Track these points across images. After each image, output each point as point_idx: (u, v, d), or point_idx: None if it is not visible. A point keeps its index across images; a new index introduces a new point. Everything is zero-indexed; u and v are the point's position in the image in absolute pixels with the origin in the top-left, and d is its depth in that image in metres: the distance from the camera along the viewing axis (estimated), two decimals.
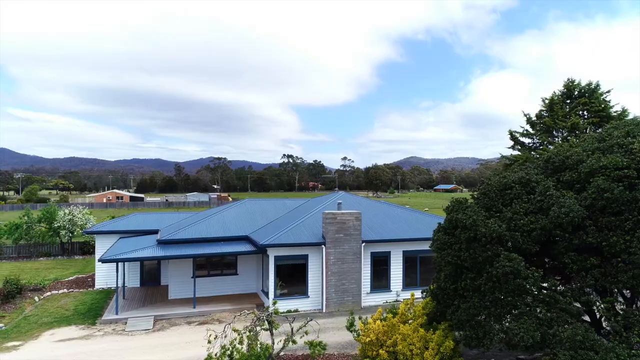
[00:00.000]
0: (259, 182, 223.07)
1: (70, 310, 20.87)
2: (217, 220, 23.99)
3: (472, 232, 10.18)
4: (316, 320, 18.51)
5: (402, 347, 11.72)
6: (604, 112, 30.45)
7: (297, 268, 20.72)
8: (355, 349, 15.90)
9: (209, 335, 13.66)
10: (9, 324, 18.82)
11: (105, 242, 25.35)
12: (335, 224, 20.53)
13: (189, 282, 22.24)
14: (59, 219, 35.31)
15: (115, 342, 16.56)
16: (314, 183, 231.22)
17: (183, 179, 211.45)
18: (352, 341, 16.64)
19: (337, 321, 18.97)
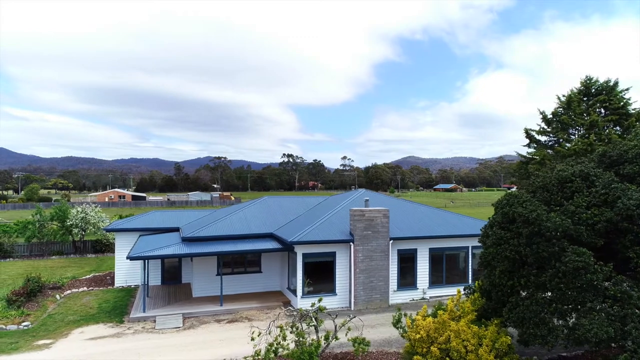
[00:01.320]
0: (258, 181, 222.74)
1: (94, 308, 20.59)
2: (238, 217, 23.73)
3: (535, 227, 10.00)
4: (341, 317, 18.41)
5: (456, 343, 11.54)
6: (623, 109, 30.36)
7: (324, 265, 20.52)
8: (392, 346, 15.72)
9: (252, 332, 13.53)
10: (35, 322, 18.54)
11: (126, 239, 25.09)
12: (363, 221, 20.33)
13: (213, 280, 22.03)
14: (72, 217, 34.98)
15: (147, 340, 16.32)
16: (314, 182, 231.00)
17: (183, 179, 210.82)
18: (389, 338, 16.47)
19: (367, 319, 18.73)
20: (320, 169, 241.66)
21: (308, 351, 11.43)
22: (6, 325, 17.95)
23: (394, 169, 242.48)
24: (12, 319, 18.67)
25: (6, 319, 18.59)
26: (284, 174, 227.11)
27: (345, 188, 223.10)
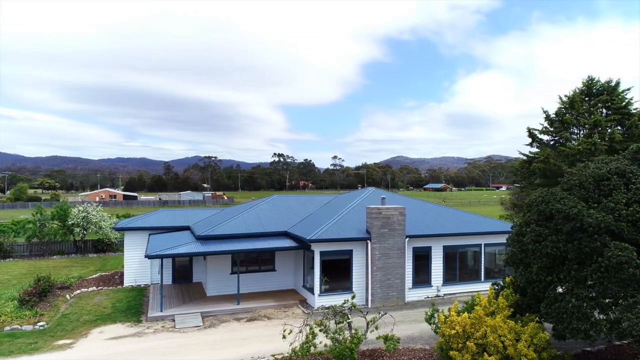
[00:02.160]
0: (249, 181, 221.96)
1: (108, 308, 20.35)
2: (251, 216, 23.61)
3: (577, 222, 10.15)
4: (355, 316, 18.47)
5: (493, 338, 11.65)
6: (625, 109, 30.91)
7: (341, 263, 20.54)
8: (417, 343, 15.83)
9: (284, 330, 13.52)
10: (50, 322, 18.25)
11: (135, 238, 24.86)
12: (380, 219, 20.41)
13: (227, 278, 21.93)
14: (73, 216, 34.49)
15: (170, 339, 16.17)
16: (305, 182, 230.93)
17: (172, 178, 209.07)
18: (411, 335, 16.57)
19: (386, 316, 18.78)
20: (310, 169, 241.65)
21: (349, 347, 11.44)
22: (21, 326, 17.64)
23: (384, 168, 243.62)
24: (26, 319, 18.35)
25: (21, 319, 18.27)
26: (274, 173, 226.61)
27: (336, 188, 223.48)
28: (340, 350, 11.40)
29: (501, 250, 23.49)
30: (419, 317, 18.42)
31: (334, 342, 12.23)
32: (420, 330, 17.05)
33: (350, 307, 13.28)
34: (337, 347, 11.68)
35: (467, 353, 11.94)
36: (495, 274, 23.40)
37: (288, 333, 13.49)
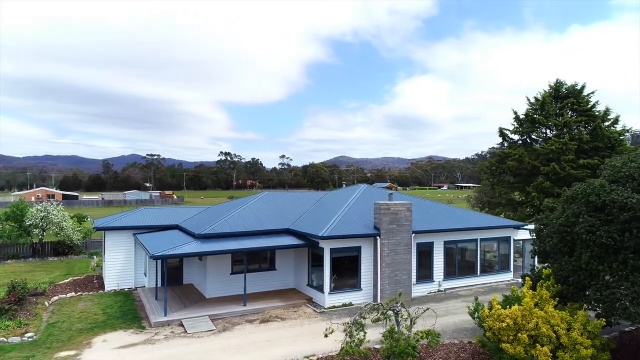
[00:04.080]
0: (194, 180, 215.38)
1: (99, 314, 18.64)
2: (247, 214, 22.61)
3: (637, 212, 10.49)
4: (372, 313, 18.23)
5: (546, 329, 11.80)
6: (590, 111, 33.02)
7: (348, 260, 20.18)
8: (445, 338, 15.77)
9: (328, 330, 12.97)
10: (38, 333, 16.38)
11: (117, 238, 23.06)
12: (389, 215, 20.26)
13: (227, 279, 20.89)
14: (31, 216, 31.46)
15: (187, 346, 15.03)
16: (252, 181, 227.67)
17: (112, 177, 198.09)
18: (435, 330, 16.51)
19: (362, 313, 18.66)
20: (258, 168, 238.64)
21: (412, 345, 11.11)
22: (7, 338, 15.68)
23: (331, 167, 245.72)
24: (11, 330, 16.36)
25: (4, 331, 16.25)
26: (221, 172, 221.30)
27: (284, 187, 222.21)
28: (402, 348, 11.03)
29: (489, 245, 24.21)
30: (431, 312, 18.47)
31: (387, 339, 11.83)
32: (442, 324, 17.04)
33: (400, 305, 12.93)
34: (395, 345, 11.29)
35: (519, 345, 12.02)
36: (489, 268, 24.08)
37: (330, 332, 12.98)
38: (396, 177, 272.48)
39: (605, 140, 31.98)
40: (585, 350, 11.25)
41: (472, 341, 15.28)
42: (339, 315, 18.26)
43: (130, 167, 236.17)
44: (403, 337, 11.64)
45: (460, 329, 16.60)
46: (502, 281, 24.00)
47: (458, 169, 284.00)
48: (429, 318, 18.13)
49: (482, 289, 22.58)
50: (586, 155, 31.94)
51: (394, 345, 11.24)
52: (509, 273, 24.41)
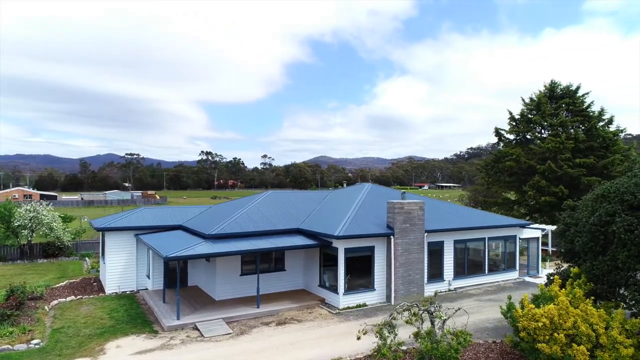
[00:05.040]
0: (174, 180, 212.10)
1: (105, 319, 17.85)
2: (254, 213, 22.06)
3: None
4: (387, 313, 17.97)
5: (585, 328, 11.71)
6: (586, 111, 33.55)
7: (362, 260, 19.86)
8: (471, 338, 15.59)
9: (359, 331, 12.64)
10: (44, 340, 15.55)
11: (118, 239, 22.23)
12: (403, 214, 20.04)
13: (237, 280, 20.36)
14: (19, 216, 30.16)
15: (208, 350, 14.47)
16: (234, 181, 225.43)
17: (89, 177, 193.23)
18: None
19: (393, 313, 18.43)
20: (239, 168, 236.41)
21: (455, 348, 10.84)
22: (12, 345, 14.81)
23: (313, 167, 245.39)
24: (16, 337, 15.48)
25: (8, 338, 15.36)
26: (202, 172, 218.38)
27: (266, 187, 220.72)
28: (444, 351, 10.75)
29: (496, 244, 24.26)
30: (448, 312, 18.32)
31: (424, 341, 11.54)
32: (461, 324, 16.86)
33: (436, 305, 12.65)
34: (436, 347, 11.00)
35: (556, 344, 11.90)
36: (495, 267, 24.12)
37: (364, 333, 12.64)
38: (377, 177, 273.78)
39: (600, 140, 32.53)
40: (626, 349, 11.19)
41: (496, 341, 15.17)
42: (356, 316, 17.96)
43: (108, 166, 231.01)
44: (445, 339, 11.35)
45: (481, 329, 16.47)
46: (508, 280, 24.08)
47: (438, 169, 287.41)
48: (454, 317, 18.08)
49: (491, 288, 22.59)
50: (582, 155, 32.42)
51: (434, 348, 10.94)
52: (514, 272, 24.52)
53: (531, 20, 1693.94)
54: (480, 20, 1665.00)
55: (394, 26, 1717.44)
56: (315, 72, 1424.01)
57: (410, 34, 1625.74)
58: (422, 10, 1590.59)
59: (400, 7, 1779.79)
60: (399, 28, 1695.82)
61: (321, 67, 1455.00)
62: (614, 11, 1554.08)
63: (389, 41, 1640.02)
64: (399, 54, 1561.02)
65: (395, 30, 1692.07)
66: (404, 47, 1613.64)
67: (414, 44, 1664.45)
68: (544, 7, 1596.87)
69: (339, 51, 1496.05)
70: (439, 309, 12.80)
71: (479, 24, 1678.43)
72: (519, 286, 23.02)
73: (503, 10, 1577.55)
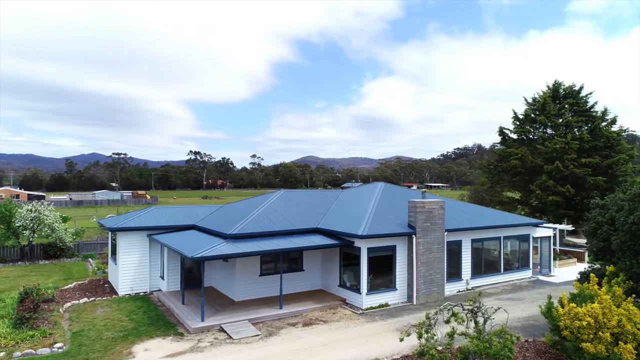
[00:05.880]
0: (162, 179, 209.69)
1: (125, 321, 17.39)
2: (271, 212, 21.71)
3: None
4: (413, 313, 17.89)
5: (630, 327, 11.70)
6: (590, 112, 33.91)
7: (383, 260, 19.70)
8: None
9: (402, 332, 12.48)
10: (67, 343, 15.05)
11: (131, 240, 21.74)
12: (424, 213, 19.93)
13: (256, 281, 20.03)
14: (20, 217, 29.35)
15: (240, 352, 14.14)
16: (223, 181, 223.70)
17: (75, 176, 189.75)
18: None
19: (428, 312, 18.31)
20: (228, 167, 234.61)
21: (508, 346, 10.71)
22: (35, 350, 14.30)
23: (302, 167, 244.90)
24: (38, 340, 14.96)
25: (30, 342, 14.83)
26: (190, 172, 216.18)
27: (256, 187, 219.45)
28: (497, 351, 10.62)
29: (510, 243, 24.31)
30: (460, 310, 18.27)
31: (473, 340, 11.40)
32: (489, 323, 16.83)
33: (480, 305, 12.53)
34: (488, 346, 10.87)
35: (600, 344, 11.87)
36: (510, 265, 24.16)
37: (407, 335, 12.49)
38: (366, 177, 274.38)
39: (604, 139, 32.90)
40: None
41: (529, 340, 15.13)
42: (382, 317, 17.80)
43: (93, 166, 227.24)
44: (497, 339, 11.23)
45: (510, 328, 16.37)
46: (523, 278, 24.16)
47: (426, 169, 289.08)
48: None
49: (507, 287, 22.62)
50: (586, 155, 32.78)
51: (487, 347, 10.81)
52: (528, 270, 24.62)
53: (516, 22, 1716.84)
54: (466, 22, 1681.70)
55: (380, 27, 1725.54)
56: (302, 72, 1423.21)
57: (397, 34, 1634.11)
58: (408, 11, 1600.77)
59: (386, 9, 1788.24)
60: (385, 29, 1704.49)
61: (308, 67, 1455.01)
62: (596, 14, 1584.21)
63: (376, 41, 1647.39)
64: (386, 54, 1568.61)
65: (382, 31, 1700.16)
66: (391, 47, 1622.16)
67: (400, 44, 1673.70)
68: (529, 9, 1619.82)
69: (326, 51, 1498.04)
70: (482, 307, 12.69)
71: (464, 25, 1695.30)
72: (534, 285, 23.12)
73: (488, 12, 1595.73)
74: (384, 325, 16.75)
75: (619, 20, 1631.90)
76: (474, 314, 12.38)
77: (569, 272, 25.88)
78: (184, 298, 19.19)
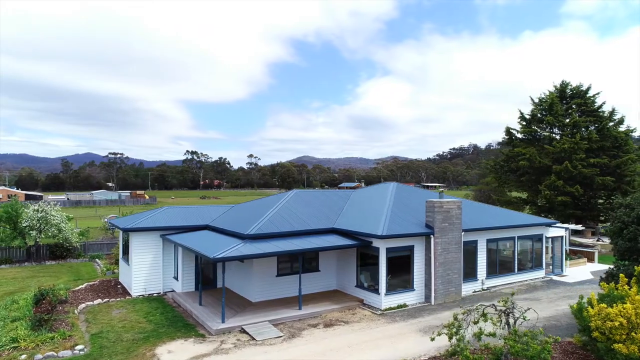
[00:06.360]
0: (159, 179, 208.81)
1: (143, 322, 17.18)
2: (286, 212, 21.51)
3: None
4: (433, 314, 17.80)
5: None
6: (597, 112, 34.00)
7: (400, 260, 19.58)
8: None
9: (433, 333, 12.37)
10: (87, 345, 14.83)
11: (145, 240, 21.53)
12: (442, 213, 19.84)
13: (273, 282, 19.89)
14: (27, 217, 29.02)
15: (267, 354, 13.97)
16: (220, 181, 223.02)
17: (71, 176, 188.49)
18: None
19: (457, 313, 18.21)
20: (225, 167, 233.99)
21: (546, 348, 10.62)
22: (57, 352, 14.07)
23: (299, 167, 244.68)
24: (58, 342, 14.71)
25: (50, 344, 14.59)
26: (187, 172, 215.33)
27: (253, 187, 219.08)
28: (535, 352, 10.51)
29: (524, 243, 24.27)
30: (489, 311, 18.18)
31: (508, 341, 11.30)
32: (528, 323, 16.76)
33: (514, 305, 12.44)
34: (526, 347, 10.77)
35: (633, 344, 11.81)
36: (523, 265, 24.13)
37: (438, 335, 12.38)
38: (363, 177, 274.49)
39: (611, 139, 32.99)
40: None
41: None
42: (403, 317, 17.69)
43: (88, 166, 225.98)
44: (535, 340, 11.12)
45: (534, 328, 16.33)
46: (536, 278, 24.14)
47: (423, 169, 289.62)
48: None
49: (522, 287, 22.57)
50: (594, 155, 32.86)
51: (524, 349, 10.71)
52: (541, 270, 24.59)
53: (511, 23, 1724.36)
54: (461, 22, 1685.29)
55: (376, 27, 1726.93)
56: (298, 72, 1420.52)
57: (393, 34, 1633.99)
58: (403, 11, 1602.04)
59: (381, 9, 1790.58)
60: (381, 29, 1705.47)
61: (304, 67, 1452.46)
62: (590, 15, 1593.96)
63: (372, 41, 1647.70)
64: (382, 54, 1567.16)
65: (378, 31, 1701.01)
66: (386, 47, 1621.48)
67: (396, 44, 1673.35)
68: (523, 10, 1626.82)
69: (322, 51, 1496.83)
70: (516, 308, 12.59)
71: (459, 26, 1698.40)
72: (549, 285, 23.09)
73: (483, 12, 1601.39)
74: (406, 326, 16.64)
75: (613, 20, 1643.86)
76: (506, 315, 12.28)
77: (581, 272, 25.93)
78: (201, 299, 18.99)
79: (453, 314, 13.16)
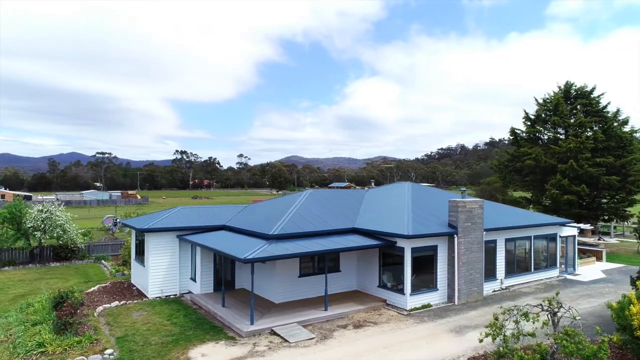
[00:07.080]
0: (148, 179, 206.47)
1: (167, 325, 16.82)
2: (305, 212, 21.25)
3: None
4: (460, 314, 17.77)
5: None
6: (602, 112, 34.38)
7: (424, 260, 19.49)
8: None
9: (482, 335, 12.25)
10: (115, 349, 14.43)
11: (161, 241, 21.13)
12: (465, 213, 19.80)
13: (295, 282, 19.69)
14: (32, 218, 28.30)
15: (303, 356, 13.75)
16: (209, 181, 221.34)
17: (59, 176, 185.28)
18: None
19: (483, 312, 18.20)
20: (214, 167, 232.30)
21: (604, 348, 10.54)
22: (87, 357, 13.67)
23: (289, 167, 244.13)
24: (86, 347, 14.30)
25: (78, 348, 14.18)
26: (176, 171, 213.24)
27: (243, 187, 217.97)
28: (590, 353, 10.44)
29: (539, 242, 24.36)
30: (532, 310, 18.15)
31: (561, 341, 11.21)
32: None
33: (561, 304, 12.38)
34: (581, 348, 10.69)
35: None
36: (539, 265, 24.23)
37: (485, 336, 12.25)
38: (352, 177, 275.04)
39: (616, 139, 33.38)
40: None
41: None
42: (430, 317, 17.59)
43: (74, 165, 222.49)
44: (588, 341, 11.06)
45: None
46: (551, 277, 24.27)
47: (412, 169, 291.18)
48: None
49: (540, 286, 22.65)
50: (599, 154, 33.22)
51: (579, 349, 10.63)
52: (555, 269, 24.74)
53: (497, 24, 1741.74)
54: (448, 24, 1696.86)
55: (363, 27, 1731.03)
56: (286, 72, 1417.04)
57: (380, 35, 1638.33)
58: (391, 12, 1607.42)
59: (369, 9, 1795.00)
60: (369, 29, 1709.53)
61: (292, 66, 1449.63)
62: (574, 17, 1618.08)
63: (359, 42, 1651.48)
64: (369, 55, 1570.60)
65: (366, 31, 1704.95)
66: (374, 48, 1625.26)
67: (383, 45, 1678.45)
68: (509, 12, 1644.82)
69: (310, 51, 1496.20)
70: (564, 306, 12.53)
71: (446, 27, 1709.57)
72: (565, 284, 23.22)
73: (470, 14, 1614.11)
74: (437, 326, 16.54)
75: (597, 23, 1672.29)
76: (553, 314, 12.23)
77: (592, 271, 26.15)
78: (224, 300, 18.65)
79: (493, 314, 13.06)
